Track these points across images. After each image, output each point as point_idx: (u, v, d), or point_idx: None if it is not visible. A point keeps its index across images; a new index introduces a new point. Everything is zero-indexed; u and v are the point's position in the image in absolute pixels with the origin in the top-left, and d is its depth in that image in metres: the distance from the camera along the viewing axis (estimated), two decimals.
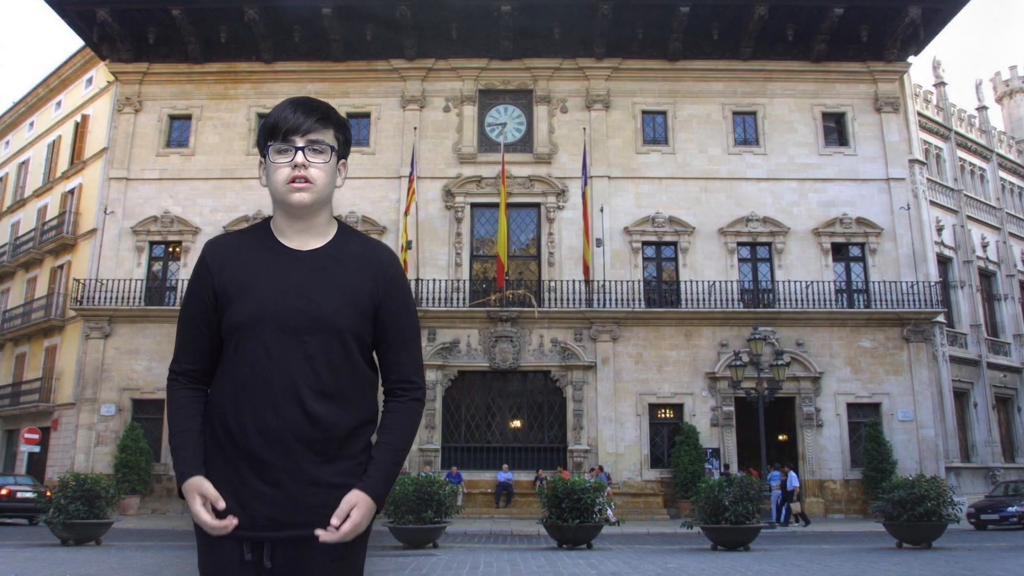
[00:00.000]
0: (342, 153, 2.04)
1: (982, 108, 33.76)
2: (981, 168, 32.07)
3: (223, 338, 1.95)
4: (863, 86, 26.72)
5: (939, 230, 27.64)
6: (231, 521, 1.84)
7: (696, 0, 25.00)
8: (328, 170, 1.98)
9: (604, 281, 24.44)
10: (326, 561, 1.87)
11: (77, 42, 31.79)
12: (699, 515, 13.53)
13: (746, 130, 26.59)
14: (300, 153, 1.93)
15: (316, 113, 1.97)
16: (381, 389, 2.06)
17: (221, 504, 1.84)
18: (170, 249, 26.05)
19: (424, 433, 23.75)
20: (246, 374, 1.89)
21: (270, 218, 2.04)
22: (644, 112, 26.62)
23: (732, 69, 26.59)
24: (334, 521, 1.84)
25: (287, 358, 1.88)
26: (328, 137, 1.98)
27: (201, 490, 1.85)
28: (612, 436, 23.70)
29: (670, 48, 26.18)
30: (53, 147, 31.23)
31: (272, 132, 1.96)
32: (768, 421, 21.55)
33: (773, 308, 24.52)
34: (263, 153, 1.98)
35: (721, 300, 24.48)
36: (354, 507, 1.87)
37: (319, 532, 1.84)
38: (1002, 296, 30.29)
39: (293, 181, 1.93)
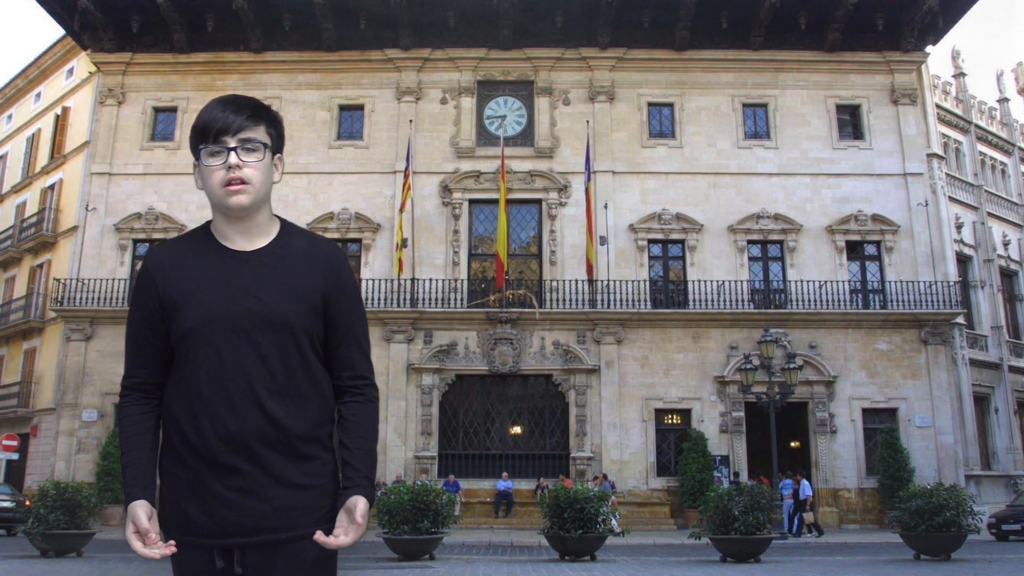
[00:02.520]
0: (276, 148, 2.07)
1: (1003, 100, 33.74)
2: (1002, 163, 32.08)
3: (173, 347, 1.99)
4: (879, 77, 26.72)
5: (958, 227, 27.64)
6: (167, 549, 1.88)
7: None
8: (263, 168, 2.01)
9: (608, 281, 24.44)
10: (299, 564, 1.92)
11: (57, 31, 31.84)
12: (708, 525, 13.54)
13: (756, 123, 26.59)
14: (233, 154, 1.97)
15: (246, 110, 2.00)
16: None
17: (152, 536, 1.89)
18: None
19: (420, 440, 23.76)
20: (200, 380, 1.93)
21: (209, 222, 2.09)
22: (650, 104, 26.61)
23: (742, 59, 26.59)
24: (359, 520, 1.90)
25: (241, 360, 1.93)
26: (260, 134, 2.01)
27: (135, 519, 1.89)
28: (617, 443, 23.70)
29: (677, 37, 26.18)
30: (32, 141, 31.23)
31: (203, 134, 1.99)
32: (780, 427, 21.53)
33: (785, 309, 24.52)
34: (196, 156, 2.01)
35: (730, 301, 24.48)
36: (364, 513, 1.93)
37: (328, 539, 1.89)
38: None
39: (229, 184, 1.97)
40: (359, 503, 1.92)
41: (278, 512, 1.92)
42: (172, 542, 1.90)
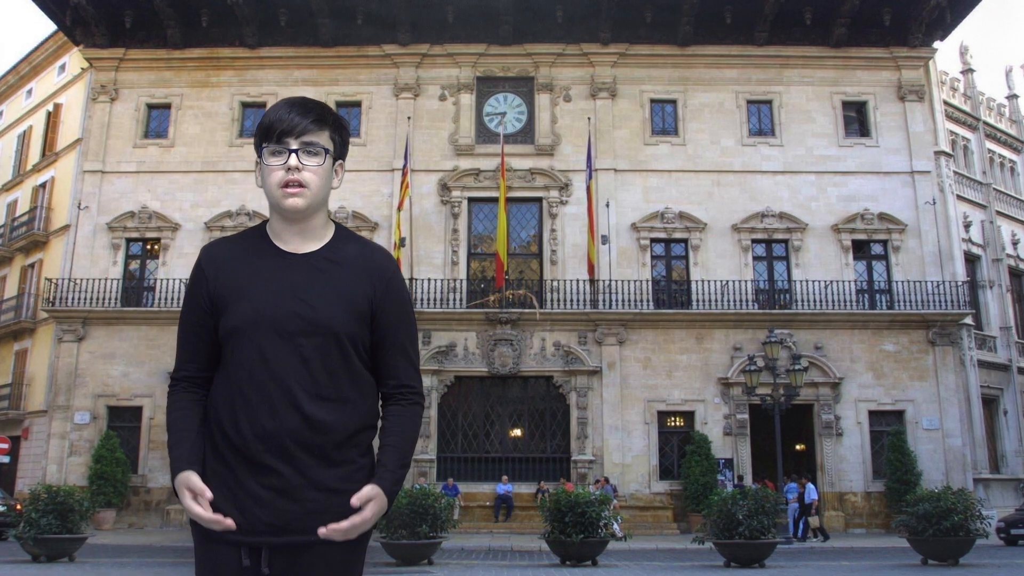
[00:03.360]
0: (338, 155, 2.12)
1: (1012, 96, 33.76)
2: (1011, 160, 32.08)
3: (221, 343, 2.04)
4: (886, 73, 26.72)
5: (967, 226, 27.63)
6: (226, 521, 1.91)
7: None
8: (323, 173, 2.05)
9: (610, 281, 24.44)
10: (325, 568, 1.96)
11: (49, 26, 31.82)
12: (711, 530, 13.54)
13: (761, 120, 26.60)
14: (294, 156, 2.01)
15: (311, 114, 2.04)
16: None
17: (208, 495, 1.92)
18: (148, 247, 26.04)
19: (418, 443, 23.68)
20: (242, 378, 1.99)
21: (266, 221, 2.14)
22: (653, 101, 26.62)
23: (746, 55, 26.59)
24: (355, 501, 1.93)
25: (283, 362, 1.98)
26: (323, 139, 2.05)
27: (188, 484, 1.93)
28: (618, 446, 23.71)
29: (680, 33, 26.18)
30: (23, 138, 31.22)
31: (267, 133, 2.04)
32: (785, 430, 21.54)
33: (790, 309, 24.52)
34: (259, 154, 2.06)
35: (734, 301, 24.48)
36: (372, 500, 1.95)
37: (322, 530, 1.91)
38: None
39: (287, 185, 2.01)
40: (365, 489, 1.95)
41: (310, 515, 1.95)
42: (231, 519, 1.92)
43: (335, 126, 2.09)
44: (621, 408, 23.92)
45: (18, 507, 15.85)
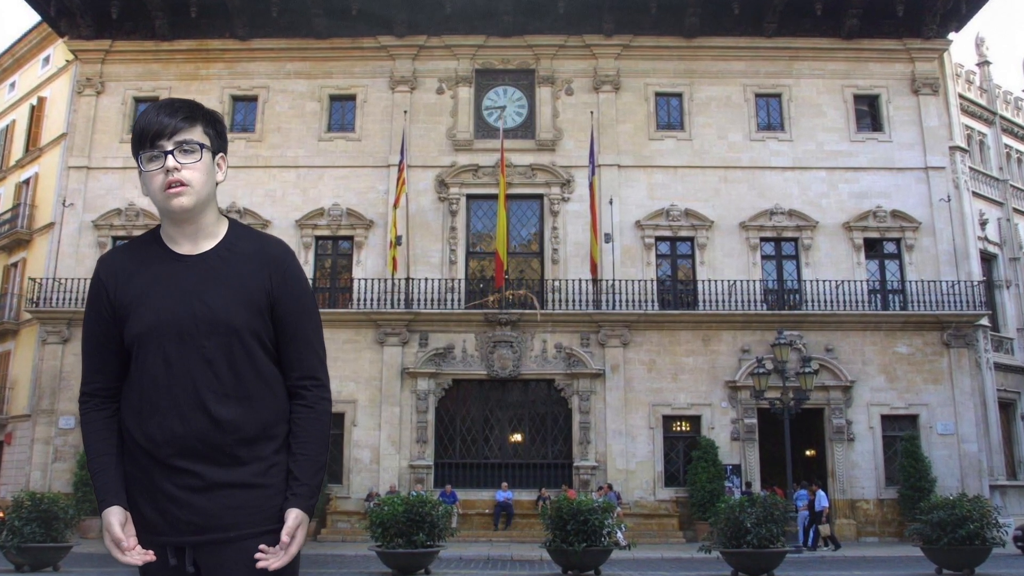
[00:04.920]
0: (217, 148, 2.18)
1: None
2: None
3: (128, 352, 2.13)
4: (899, 66, 26.73)
5: (982, 224, 27.64)
6: (146, 556, 2.03)
7: None
8: (203, 168, 2.12)
9: (613, 280, 24.44)
10: (250, 562, 2.04)
11: (33, 17, 31.82)
12: (718, 538, 13.54)
13: (770, 114, 26.60)
14: (170, 157, 2.08)
15: (180, 112, 2.12)
16: None
17: (125, 544, 2.03)
18: None
19: (415, 448, 23.76)
20: (148, 385, 2.08)
21: (159, 226, 2.21)
22: (657, 94, 26.62)
23: (755, 47, 26.59)
24: (285, 538, 2.04)
25: (187, 364, 2.07)
26: (197, 135, 2.13)
27: (110, 530, 2.06)
28: (622, 451, 23.71)
29: (686, 24, 26.18)
30: (6, 133, 31.22)
31: (140, 140, 2.11)
32: (794, 435, 21.54)
33: (800, 310, 24.52)
34: (138, 162, 2.12)
35: (742, 301, 24.48)
36: (300, 527, 2.06)
37: (261, 558, 2.01)
38: None
39: (169, 187, 2.08)
40: (289, 516, 2.05)
41: (228, 511, 2.05)
42: (151, 552, 2.03)
43: (207, 120, 2.16)
44: (625, 412, 23.93)
45: (1, 515, 15.84)
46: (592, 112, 25.96)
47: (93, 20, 26.62)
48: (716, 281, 24.61)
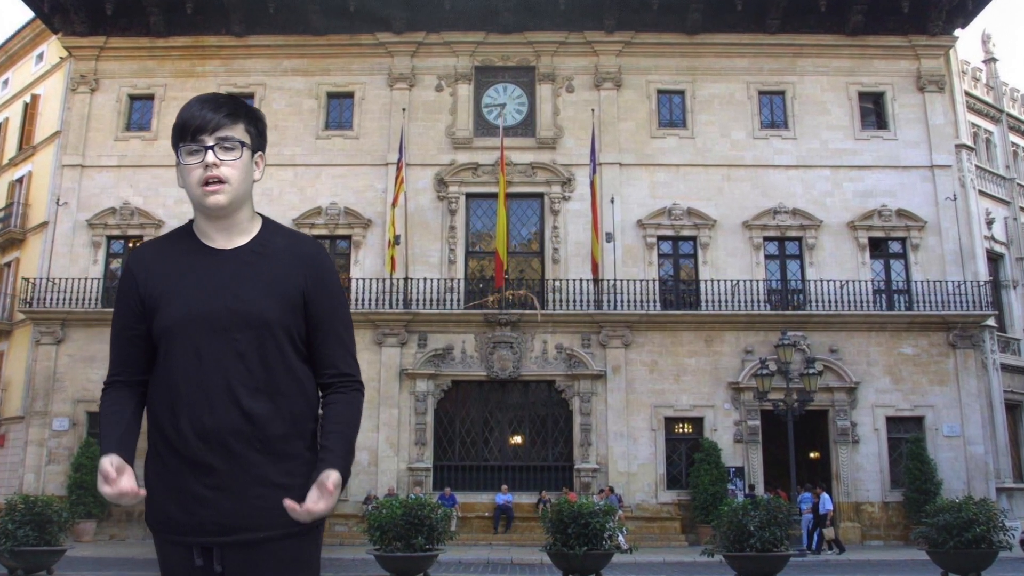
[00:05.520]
0: (256, 146, 2.22)
1: None
2: None
3: (155, 345, 2.14)
4: (904, 63, 26.72)
5: (989, 223, 27.63)
6: (139, 491, 2.03)
7: None
8: (241, 167, 2.15)
9: (615, 280, 24.44)
10: (277, 563, 2.06)
11: (26, 13, 31.79)
12: (721, 542, 13.53)
13: (773, 112, 26.59)
14: (210, 152, 2.10)
15: (224, 108, 2.14)
16: None
17: (112, 475, 2.00)
18: (130, 244, 26.01)
19: (414, 450, 23.75)
20: (178, 377, 2.08)
21: (192, 220, 2.23)
22: (660, 91, 26.61)
23: (758, 44, 26.58)
24: (330, 486, 2.01)
25: (219, 357, 2.08)
26: (238, 132, 2.15)
27: (101, 468, 2.03)
28: (624, 453, 23.70)
29: (689, 20, 26.17)
30: None
31: (181, 133, 2.13)
32: (798, 437, 21.55)
33: (804, 310, 24.52)
34: (177, 154, 2.15)
35: (745, 301, 24.48)
36: (336, 484, 2.04)
37: (290, 504, 1.99)
38: None
39: (207, 183, 2.10)
40: (331, 474, 2.03)
41: (256, 511, 2.05)
42: (141, 488, 2.04)
43: (249, 118, 2.19)
44: (626, 414, 23.92)
45: None
46: (593, 110, 25.96)
47: (87, 17, 26.61)
48: (719, 281, 24.60)
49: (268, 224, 2.25)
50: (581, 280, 24.54)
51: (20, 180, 28.74)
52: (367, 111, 26.47)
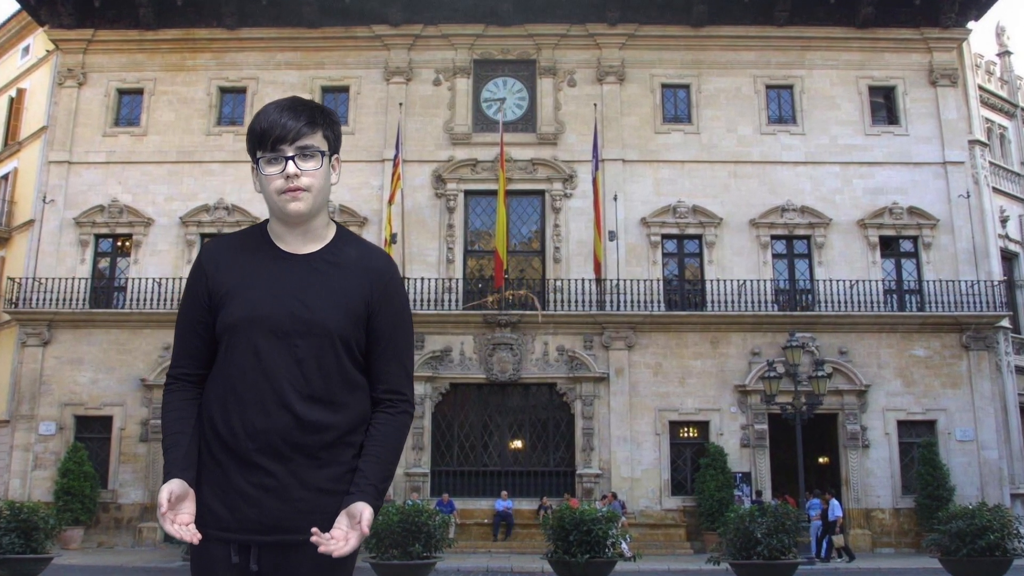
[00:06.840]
0: (333, 150, 2.26)
1: None
2: None
3: (217, 340, 2.21)
4: (916, 56, 26.73)
5: (1003, 221, 27.64)
6: (189, 534, 2.07)
7: None
8: (321, 175, 2.21)
9: (618, 280, 24.45)
10: (314, 566, 2.10)
11: (12, 5, 31.80)
12: (727, 549, 13.54)
13: (781, 106, 26.60)
14: (291, 163, 2.16)
15: (303, 117, 2.18)
16: None
17: (170, 516, 2.07)
18: (119, 243, 26.04)
19: (411, 455, 23.75)
20: (236, 376, 2.16)
21: (267, 220, 2.31)
22: (664, 86, 26.62)
23: (765, 36, 26.59)
24: (365, 529, 2.06)
25: (277, 361, 2.14)
26: (318, 140, 2.20)
27: (159, 492, 2.09)
28: (627, 458, 23.71)
29: (694, 12, 26.17)
30: None
31: (261, 141, 2.17)
32: (807, 441, 21.54)
33: (812, 311, 24.53)
34: (254, 162, 2.21)
35: (752, 302, 24.48)
36: (367, 520, 2.08)
37: (318, 540, 2.02)
38: None
39: (287, 192, 2.17)
40: (365, 512, 2.08)
41: (299, 514, 2.11)
42: (196, 532, 2.08)
43: (328, 124, 2.23)
44: (630, 418, 23.93)
45: None
46: (595, 104, 25.96)
47: (75, 8, 26.60)
48: (725, 281, 24.61)
49: (342, 233, 2.32)
50: (583, 280, 24.55)
51: (5, 177, 28.73)
52: (363, 106, 26.48)
